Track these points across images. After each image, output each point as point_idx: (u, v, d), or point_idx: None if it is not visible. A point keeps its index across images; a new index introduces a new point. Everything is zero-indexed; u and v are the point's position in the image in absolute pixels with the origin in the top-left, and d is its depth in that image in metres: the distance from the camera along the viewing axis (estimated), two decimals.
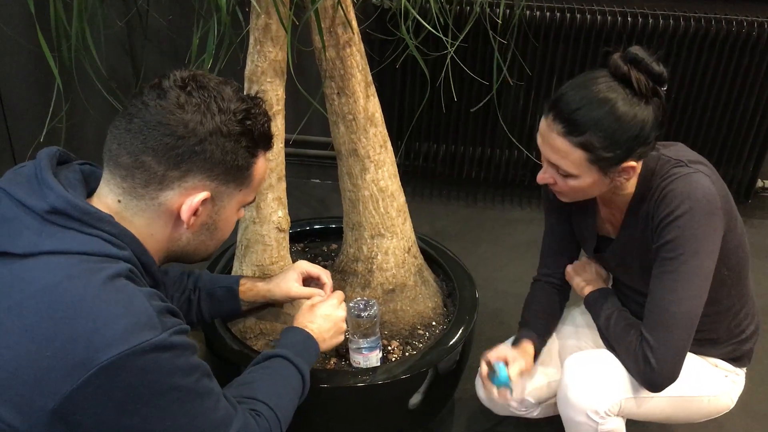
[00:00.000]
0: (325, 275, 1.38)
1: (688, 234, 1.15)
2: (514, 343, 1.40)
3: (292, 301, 1.43)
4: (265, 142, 1.02)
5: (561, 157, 1.16)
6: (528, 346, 1.37)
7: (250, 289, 1.37)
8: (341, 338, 1.30)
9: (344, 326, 1.30)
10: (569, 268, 1.45)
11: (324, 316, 1.27)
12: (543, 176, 1.23)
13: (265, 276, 1.45)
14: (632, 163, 1.16)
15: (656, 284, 1.20)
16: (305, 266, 1.39)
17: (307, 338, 1.22)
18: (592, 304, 1.37)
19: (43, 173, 0.91)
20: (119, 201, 0.93)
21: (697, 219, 1.15)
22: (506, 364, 1.30)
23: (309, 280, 1.39)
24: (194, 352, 0.91)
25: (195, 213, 0.95)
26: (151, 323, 0.84)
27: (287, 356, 1.15)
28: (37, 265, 0.85)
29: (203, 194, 0.95)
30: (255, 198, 1.07)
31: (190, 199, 0.94)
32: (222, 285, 1.35)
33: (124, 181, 0.92)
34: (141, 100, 0.92)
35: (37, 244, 0.86)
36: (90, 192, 0.98)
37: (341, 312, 1.30)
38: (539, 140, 1.20)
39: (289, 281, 1.36)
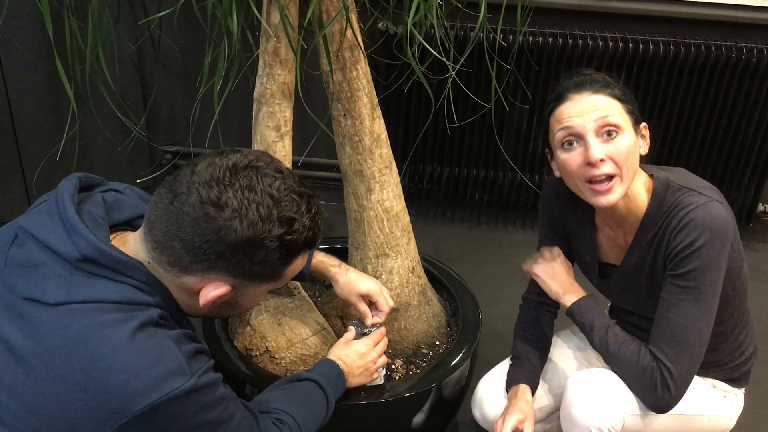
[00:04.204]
0: (383, 313, 1.39)
1: (709, 264, 1.17)
2: (510, 385, 1.39)
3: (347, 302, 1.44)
4: (306, 248, 0.97)
5: (606, 108, 1.19)
6: (527, 393, 1.36)
7: (320, 269, 1.38)
8: (368, 380, 1.33)
9: (374, 368, 1.33)
10: (535, 269, 1.40)
11: (359, 354, 1.30)
12: (597, 150, 1.17)
13: (342, 263, 1.43)
14: (644, 125, 1.25)
15: (674, 312, 1.20)
16: (376, 291, 1.38)
17: (340, 375, 1.25)
18: (576, 316, 1.32)
19: (67, 214, 0.91)
20: (149, 262, 0.94)
21: (717, 249, 1.17)
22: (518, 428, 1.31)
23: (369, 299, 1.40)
24: (220, 385, 0.93)
25: (214, 299, 0.95)
26: (180, 370, 0.86)
27: (320, 383, 1.19)
28: (68, 313, 0.86)
29: (223, 289, 0.94)
30: (286, 284, 1.04)
31: (208, 290, 0.93)
32: None
33: (154, 251, 0.92)
34: (188, 182, 0.90)
35: (68, 294, 0.86)
36: (113, 223, 0.98)
37: (374, 354, 1.32)
38: (571, 121, 1.19)
39: (355, 290, 1.37)
